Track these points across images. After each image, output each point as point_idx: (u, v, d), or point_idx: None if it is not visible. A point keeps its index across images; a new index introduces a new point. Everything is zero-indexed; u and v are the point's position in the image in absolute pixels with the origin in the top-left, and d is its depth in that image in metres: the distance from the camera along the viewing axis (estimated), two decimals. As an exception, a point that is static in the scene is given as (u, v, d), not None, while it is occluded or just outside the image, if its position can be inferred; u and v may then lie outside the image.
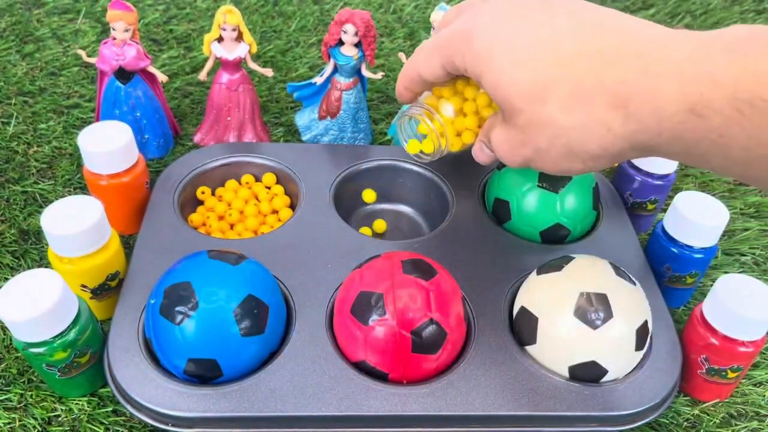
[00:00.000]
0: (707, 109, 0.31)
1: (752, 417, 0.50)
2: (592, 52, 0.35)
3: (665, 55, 0.33)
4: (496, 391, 0.45)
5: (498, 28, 0.37)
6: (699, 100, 0.31)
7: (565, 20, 0.36)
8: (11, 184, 0.63)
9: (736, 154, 0.32)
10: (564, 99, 0.35)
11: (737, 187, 0.70)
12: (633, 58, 0.33)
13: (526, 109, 0.37)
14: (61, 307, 0.42)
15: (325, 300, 0.50)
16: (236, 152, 0.63)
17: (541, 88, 0.36)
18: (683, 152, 0.34)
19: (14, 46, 0.80)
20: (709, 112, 0.31)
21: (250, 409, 0.43)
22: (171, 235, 0.54)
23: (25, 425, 0.46)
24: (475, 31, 0.38)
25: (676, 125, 0.32)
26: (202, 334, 0.42)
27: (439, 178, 0.62)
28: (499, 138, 0.41)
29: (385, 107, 0.76)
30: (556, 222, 0.55)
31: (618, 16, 0.36)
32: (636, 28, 0.35)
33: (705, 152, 0.33)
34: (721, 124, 0.31)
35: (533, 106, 0.36)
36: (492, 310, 0.50)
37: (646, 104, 0.33)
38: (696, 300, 0.58)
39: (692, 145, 0.33)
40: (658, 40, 0.34)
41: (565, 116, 0.35)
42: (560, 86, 0.35)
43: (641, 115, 0.33)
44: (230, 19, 0.60)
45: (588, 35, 0.35)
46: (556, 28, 0.36)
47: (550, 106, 0.36)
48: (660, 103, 0.32)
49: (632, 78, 0.33)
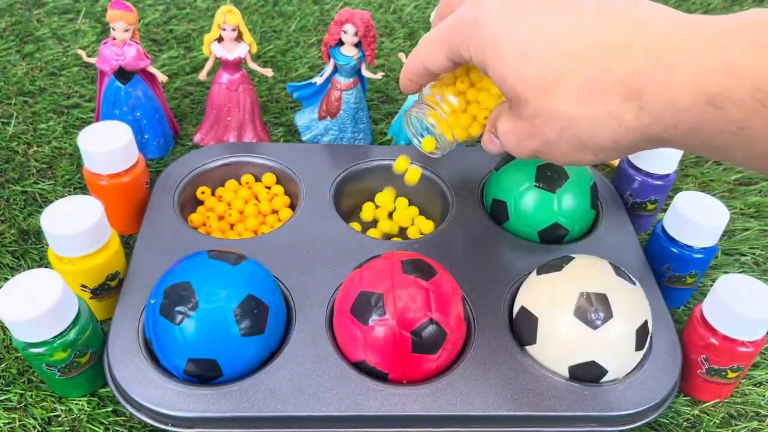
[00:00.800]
0: (726, 101, 0.30)
1: (752, 417, 0.50)
2: (602, 44, 0.34)
3: (679, 44, 0.31)
4: (496, 391, 0.45)
5: (504, 16, 0.36)
6: (717, 92, 0.30)
7: (573, 11, 0.35)
8: (11, 184, 0.63)
9: (758, 146, 0.30)
10: (574, 91, 0.34)
11: (737, 187, 0.70)
12: (645, 48, 0.32)
13: (533, 101, 0.36)
14: (61, 307, 0.42)
15: (325, 300, 0.50)
16: (236, 152, 0.63)
17: (549, 81, 0.35)
18: (700, 145, 0.32)
19: (14, 46, 0.80)
20: (728, 104, 0.30)
21: (250, 409, 0.43)
22: (171, 235, 0.54)
23: (25, 425, 0.46)
24: (480, 18, 0.37)
25: (692, 117, 0.31)
26: (202, 334, 0.43)
27: (439, 178, 0.62)
28: (505, 128, 0.40)
29: (385, 107, 0.76)
30: (554, 222, 0.55)
31: (628, 5, 0.35)
32: (647, 17, 0.34)
33: (724, 145, 0.31)
34: (741, 117, 0.30)
35: (541, 98, 0.35)
36: (492, 310, 0.50)
37: (659, 96, 0.32)
38: (696, 300, 0.58)
39: (710, 137, 0.31)
40: (671, 29, 0.32)
41: (575, 108, 0.34)
42: (569, 79, 0.34)
43: (655, 107, 0.32)
44: (230, 19, 0.60)
45: (597, 26, 0.34)
46: (564, 18, 0.35)
47: (559, 98, 0.35)
48: (674, 95, 0.31)
49: (645, 69, 0.32)
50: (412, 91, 0.46)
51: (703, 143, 0.32)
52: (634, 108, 0.33)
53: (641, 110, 0.33)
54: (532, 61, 0.35)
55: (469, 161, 0.64)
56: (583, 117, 0.34)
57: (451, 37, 0.39)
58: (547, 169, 0.55)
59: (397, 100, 0.77)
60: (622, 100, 0.33)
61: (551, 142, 0.37)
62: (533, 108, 0.36)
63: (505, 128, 0.40)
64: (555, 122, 0.36)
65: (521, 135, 0.38)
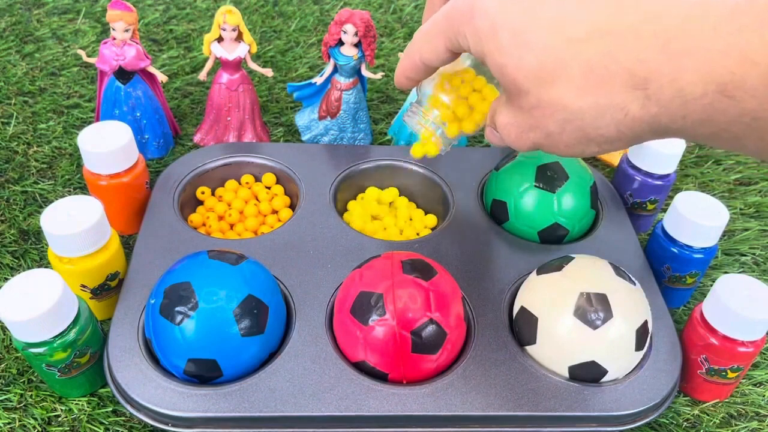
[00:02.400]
0: (739, 90, 0.28)
1: (752, 417, 0.50)
2: (605, 29, 0.32)
3: (687, 28, 0.29)
4: (496, 391, 0.45)
5: (502, 1, 0.34)
6: (730, 80, 0.28)
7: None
8: (11, 184, 0.63)
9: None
10: (575, 80, 0.32)
11: (737, 187, 0.70)
12: (650, 33, 0.30)
13: (533, 92, 0.34)
14: (61, 307, 0.42)
15: (325, 300, 0.50)
16: (236, 152, 0.63)
17: (549, 69, 0.33)
18: (711, 135, 0.31)
19: (14, 46, 0.80)
20: (741, 93, 0.28)
21: (250, 409, 0.43)
22: (171, 235, 0.54)
23: (25, 425, 0.46)
24: (476, 6, 0.35)
25: (703, 107, 0.29)
26: (202, 334, 0.43)
27: (440, 177, 0.62)
28: (504, 121, 0.38)
29: (385, 107, 0.76)
30: (554, 222, 0.55)
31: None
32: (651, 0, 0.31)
33: (737, 135, 0.30)
34: (756, 107, 0.28)
35: (541, 88, 0.34)
36: (492, 310, 0.50)
37: (667, 85, 0.30)
38: (696, 300, 0.58)
39: (722, 128, 0.30)
40: (678, 11, 0.30)
41: (577, 99, 0.33)
42: (571, 67, 0.32)
43: (663, 97, 0.30)
44: (230, 20, 0.60)
45: (599, 10, 0.32)
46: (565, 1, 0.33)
47: (560, 88, 0.33)
48: (683, 84, 0.29)
49: (650, 56, 0.30)
50: (408, 87, 0.44)
51: (714, 134, 0.31)
52: (640, 98, 0.31)
53: (648, 100, 0.31)
54: (532, 48, 0.33)
55: (469, 161, 0.64)
56: (587, 108, 0.33)
57: (448, 28, 0.37)
58: (547, 169, 0.55)
59: (397, 100, 0.77)
60: (628, 89, 0.31)
61: (553, 135, 0.35)
62: (533, 99, 0.34)
63: (504, 120, 0.38)
64: (557, 114, 0.34)
65: (522, 127, 0.37)
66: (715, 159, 0.73)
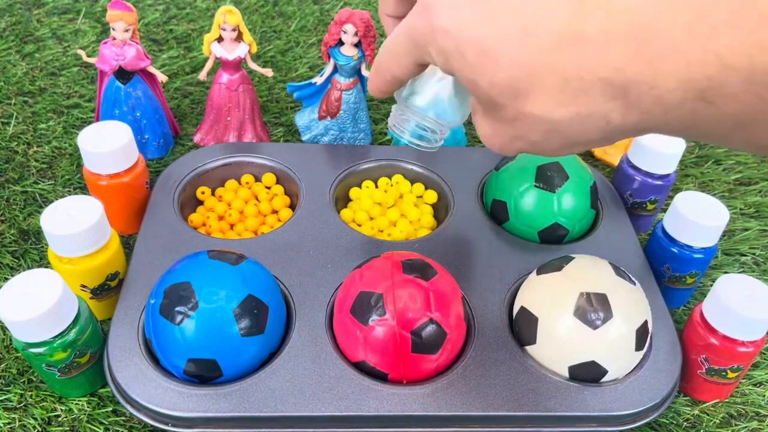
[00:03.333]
0: (719, 96, 0.27)
1: (752, 417, 0.50)
2: (573, 35, 0.30)
3: (657, 31, 0.28)
4: (496, 391, 0.45)
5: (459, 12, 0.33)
6: (708, 86, 0.27)
7: None
8: (11, 184, 0.63)
9: (762, 134, 0.28)
10: (552, 93, 0.31)
11: (737, 187, 0.70)
12: (620, 36, 0.29)
13: (510, 106, 0.33)
14: (61, 307, 0.42)
15: (325, 300, 0.50)
16: (236, 152, 0.63)
17: (522, 84, 0.32)
18: (699, 136, 0.30)
19: (14, 46, 0.80)
20: (721, 99, 0.27)
21: (250, 409, 0.43)
22: (171, 235, 0.54)
23: (25, 425, 0.46)
24: (435, 25, 0.33)
25: (684, 114, 0.28)
26: (202, 334, 0.42)
27: (440, 177, 0.62)
28: (486, 133, 0.37)
29: (385, 107, 0.76)
30: (554, 222, 0.55)
31: None
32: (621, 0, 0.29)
33: (723, 136, 0.29)
34: (738, 111, 0.27)
35: (517, 102, 0.32)
36: (492, 310, 0.50)
37: (645, 93, 0.29)
38: (696, 300, 0.58)
39: (707, 132, 0.29)
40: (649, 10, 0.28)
41: (557, 111, 0.32)
42: (545, 79, 0.31)
43: (642, 106, 0.29)
44: (230, 20, 0.60)
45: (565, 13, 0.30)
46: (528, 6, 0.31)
47: (537, 100, 0.32)
48: (662, 92, 0.28)
49: (625, 63, 0.29)
50: (385, 96, 0.43)
51: (702, 135, 0.30)
52: (620, 107, 0.30)
53: (628, 108, 0.30)
54: (501, 65, 0.32)
55: (469, 161, 0.64)
56: (568, 119, 0.32)
57: (413, 48, 0.36)
58: (547, 169, 0.55)
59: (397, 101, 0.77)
60: (607, 99, 0.30)
61: (538, 143, 0.35)
62: (512, 112, 0.33)
63: (485, 132, 0.37)
64: (539, 125, 0.33)
65: (504, 138, 0.36)
66: (715, 159, 0.73)
